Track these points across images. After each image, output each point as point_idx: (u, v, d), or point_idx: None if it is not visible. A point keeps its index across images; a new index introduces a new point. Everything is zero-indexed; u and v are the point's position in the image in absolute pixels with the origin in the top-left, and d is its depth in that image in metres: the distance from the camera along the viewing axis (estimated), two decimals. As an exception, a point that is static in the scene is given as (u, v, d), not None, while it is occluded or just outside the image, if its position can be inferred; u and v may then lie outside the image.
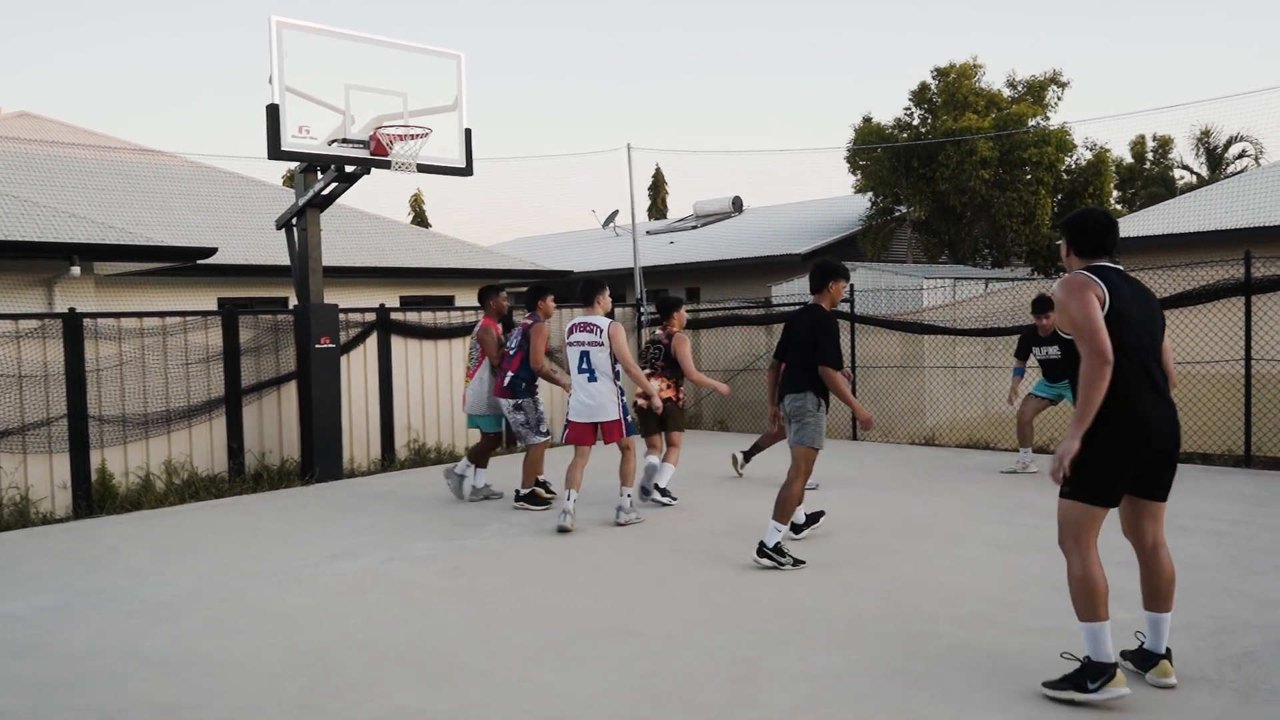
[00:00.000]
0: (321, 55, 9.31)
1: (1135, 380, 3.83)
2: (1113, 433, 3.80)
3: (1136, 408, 3.82)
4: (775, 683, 4.23)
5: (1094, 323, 3.76)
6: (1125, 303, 3.85)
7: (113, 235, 11.80)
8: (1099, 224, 4.03)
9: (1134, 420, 3.81)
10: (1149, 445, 3.86)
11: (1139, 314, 3.89)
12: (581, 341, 7.47)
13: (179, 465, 9.47)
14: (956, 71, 22.97)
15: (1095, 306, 3.78)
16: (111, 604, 5.79)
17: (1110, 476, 3.86)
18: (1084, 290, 3.82)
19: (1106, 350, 3.73)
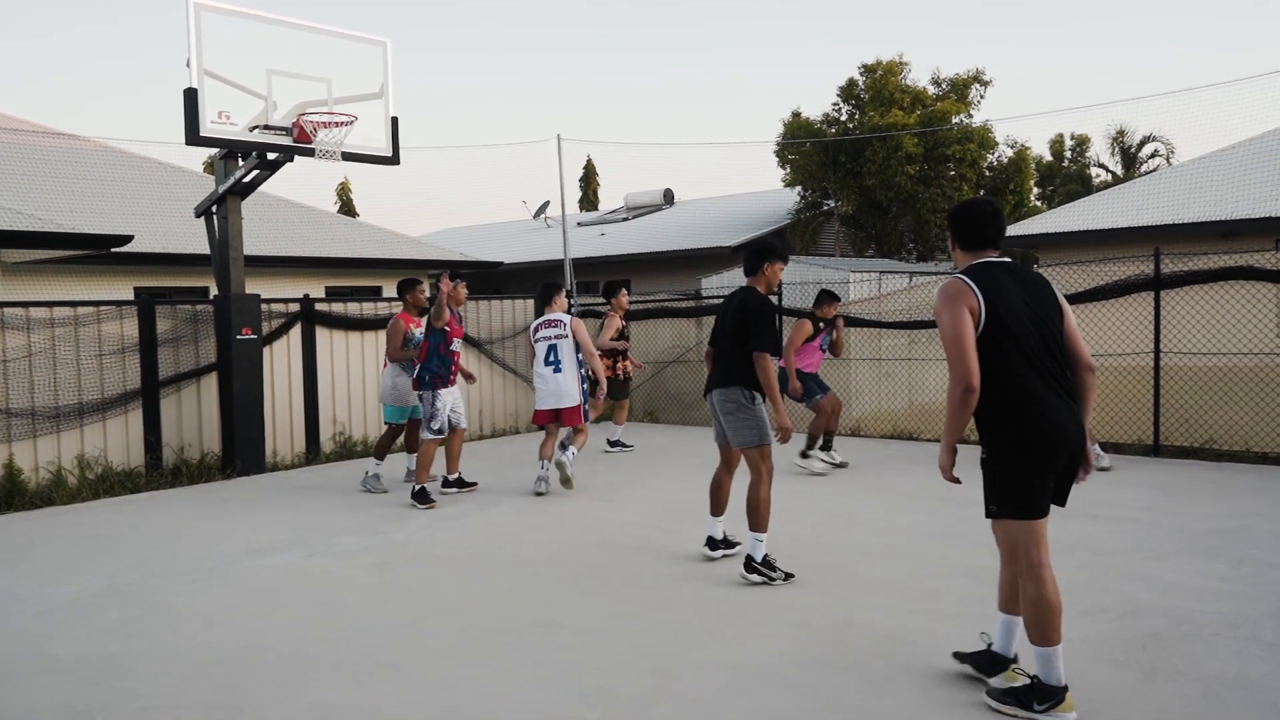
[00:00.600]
0: (243, 39, 9.07)
1: (1035, 383, 3.64)
2: (1026, 441, 3.64)
3: (1043, 410, 3.63)
4: (697, 673, 4.26)
5: (962, 342, 3.60)
6: (1010, 302, 3.64)
7: (21, 221, 11.36)
8: (982, 215, 3.83)
9: (1046, 424, 3.62)
10: (1064, 448, 3.66)
11: (1028, 309, 3.67)
12: (549, 336, 8.32)
13: (93, 460, 9.17)
14: (883, 68, 23.36)
15: (966, 324, 3.60)
16: (18, 604, 5.59)
17: (1035, 486, 3.67)
18: (957, 302, 3.64)
19: (970, 375, 3.58)
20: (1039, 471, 3.66)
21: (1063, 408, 3.67)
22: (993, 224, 3.83)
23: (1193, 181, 17.14)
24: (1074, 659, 4.27)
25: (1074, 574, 5.57)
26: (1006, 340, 3.62)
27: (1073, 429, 3.67)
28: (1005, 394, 3.65)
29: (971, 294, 3.64)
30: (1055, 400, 3.66)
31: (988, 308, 3.62)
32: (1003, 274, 3.72)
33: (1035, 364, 3.65)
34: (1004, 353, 3.63)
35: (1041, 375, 3.65)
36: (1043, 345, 3.68)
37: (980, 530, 6.61)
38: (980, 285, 3.65)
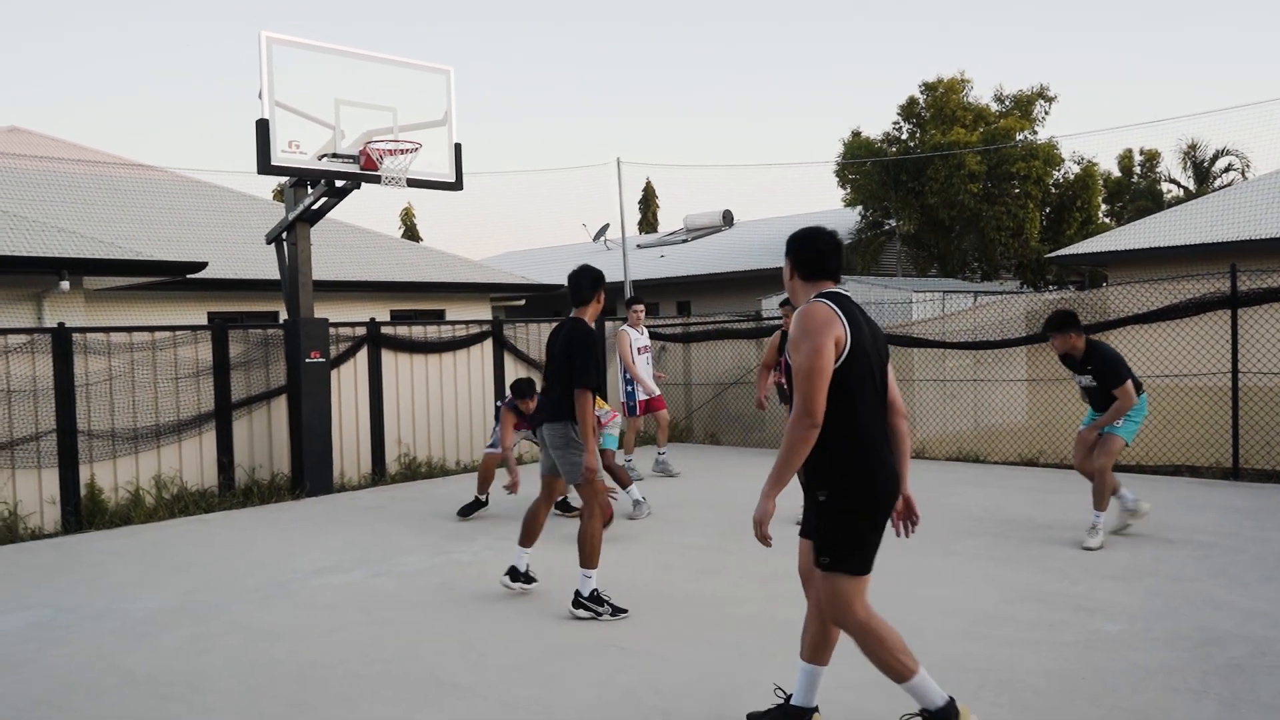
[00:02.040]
0: (311, 70, 9.34)
1: (877, 427, 3.43)
2: (866, 489, 3.41)
3: (882, 458, 3.43)
4: (759, 697, 4.23)
5: (819, 376, 3.30)
6: (863, 338, 3.42)
7: (102, 250, 11.79)
8: (826, 245, 3.62)
9: (883, 472, 3.42)
10: (894, 497, 3.48)
11: (874, 350, 3.47)
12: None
13: (169, 480, 9.44)
14: (944, 86, 23.14)
15: (828, 355, 3.31)
16: (97, 620, 5.77)
17: (870, 538, 3.44)
18: (825, 331, 3.34)
19: (818, 411, 3.30)
20: (879, 524, 3.46)
21: (891, 452, 3.51)
22: (834, 255, 3.63)
23: (1270, 195, 16.62)
24: (1149, 688, 4.16)
25: (1148, 600, 5.42)
26: (862, 376, 3.40)
27: (898, 474, 3.53)
28: (853, 435, 3.39)
29: (839, 322, 3.38)
30: (889, 449, 3.50)
31: (852, 339, 3.37)
32: (854, 308, 3.49)
33: (878, 405, 3.48)
34: (856, 391, 3.39)
35: (880, 417, 3.49)
36: (882, 386, 3.52)
37: (1050, 555, 6.48)
38: (844, 314, 3.41)
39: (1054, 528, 7.28)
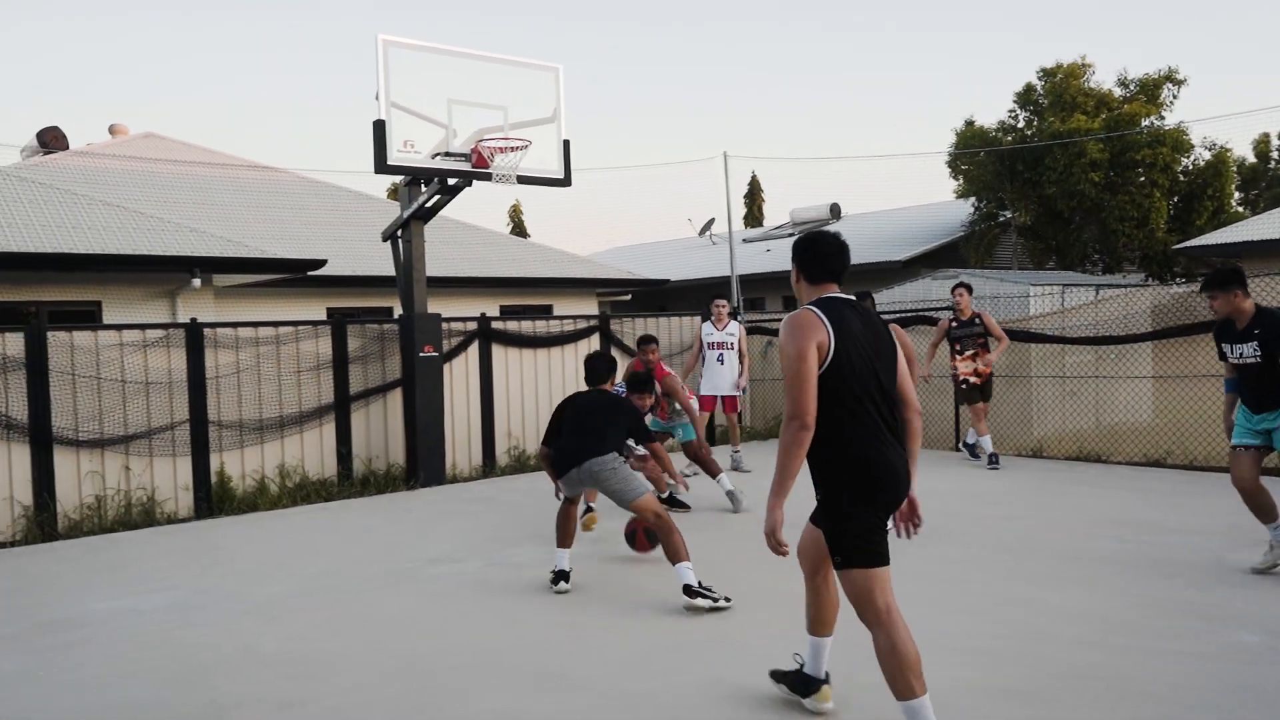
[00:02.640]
0: (425, 71, 9.57)
1: (868, 429, 3.50)
2: (865, 485, 3.49)
3: (876, 458, 3.49)
4: (878, 698, 4.16)
5: (804, 379, 3.40)
6: (854, 340, 3.50)
7: (230, 248, 12.35)
8: (829, 247, 3.70)
9: (880, 468, 3.49)
10: (895, 494, 3.55)
11: (868, 352, 3.53)
12: None
13: (291, 469, 9.83)
14: (1064, 72, 22.31)
15: (812, 360, 3.42)
16: (229, 601, 6.05)
17: (876, 532, 3.52)
18: (807, 334, 3.44)
19: (807, 414, 3.40)
20: (880, 517, 3.53)
21: (893, 451, 3.55)
22: (839, 258, 3.70)
23: None
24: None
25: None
26: (850, 379, 3.47)
27: (902, 473, 3.56)
28: (842, 435, 3.48)
29: (822, 327, 3.46)
30: (887, 443, 3.54)
31: (836, 344, 3.45)
32: (849, 312, 3.57)
33: (871, 405, 3.52)
34: (844, 392, 3.47)
35: (876, 417, 3.53)
36: (879, 387, 3.55)
37: (1178, 559, 6.20)
38: (830, 319, 3.49)
39: (1182, 532, 6.96)
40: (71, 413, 8.65)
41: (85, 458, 8.72)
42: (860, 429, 3.49)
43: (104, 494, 8.76)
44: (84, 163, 17.48)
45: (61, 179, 15.37)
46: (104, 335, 8.92)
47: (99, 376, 8.81)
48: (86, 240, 11.51)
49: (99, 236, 11.71)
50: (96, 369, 8.81)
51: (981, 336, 10.23)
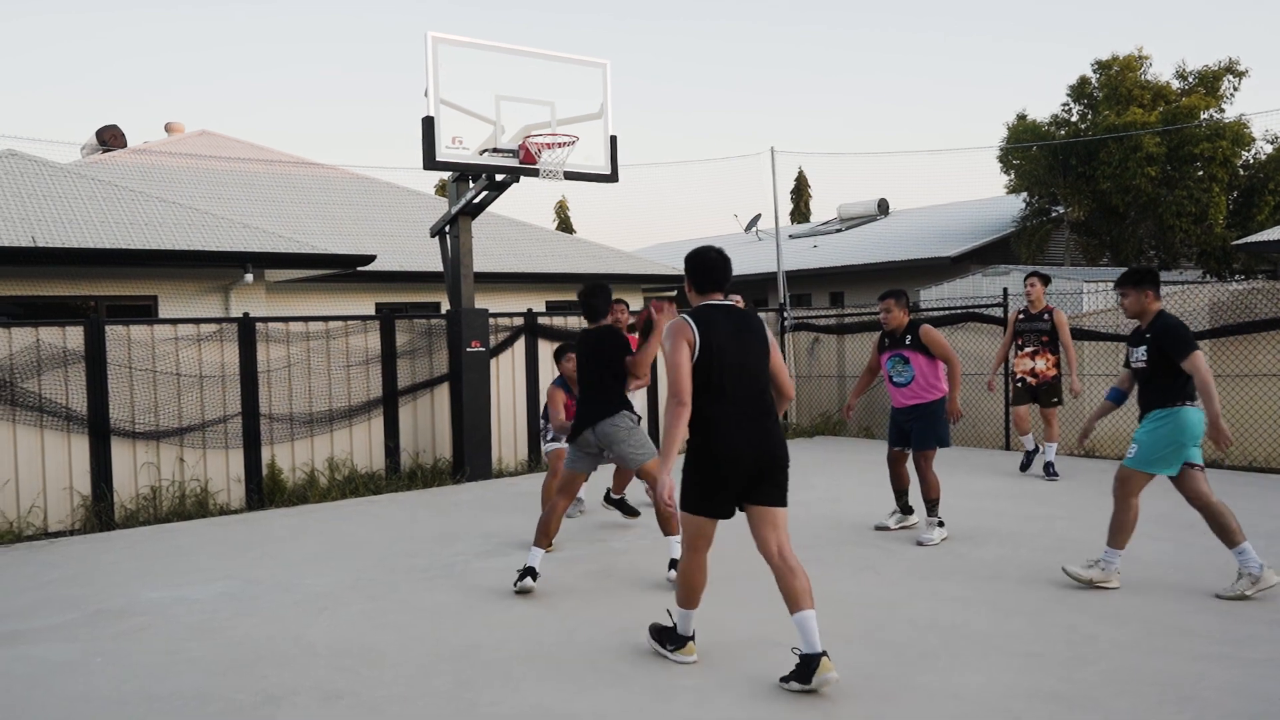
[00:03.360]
0: (474, 68, 9.63)
1: (727, 413, 4.31)
2: (708, 459, 4.33)
3: (725, 437, 4.29)
4: (921, 700, 4.12)
5: (680, 368, 4.28)
6: (721, 340, 4.32)
7: (282, 244, 12.54)
8: (713, 262, 4.50)
9: (724, 447, 4.28)
10: (740, 466, 4.29)
11: (736, 347, 4.35)
12: None
13: (340, 462, 9.97)
14: (1120, 64, 21.84)
15: (684, 353, 4.29)
16: (280, 592, 6.15)
17: (709, 493, 4.37)
18: (678, 336, 4.33)
19: (683, 394, 4.26)
20: (717, 484, 4.35)
21: (755, 429, 4.34)
22: (720, 270, 4.52)
23: None
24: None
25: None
26: (713, 371, 4.31)
27: (762, 447, 4.33)
28: (704, 413, 4.33)
29: (690, 329, 4.33)
30: (746, 424, 4.33)
31: (702, 344, 4.30)
32: (721, 317, 4.41)
33: (736, 396, 4.34)
34: (708, 381, 4.31)
35: (736, 402, 4.34)
36: (742, 376, 4.36)
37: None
38: (698, 323, 4.35)
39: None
40: (128, 405, 8.85)
41: (141, 449, 8.92)
42: (718, 414, 4.33)
43: (159, 485, 8.95)
44: (141, 160, 17.86)
45: (120, 176, 15.72)
46: (160, 329, 9.11)
47: (154, 370, 9.00)
48: (143, 236, 11.76)
49: (155, 232, 11.96)
50: (152, 362, 9.00)
51: (1047, 334, 9.62)
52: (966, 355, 12.18)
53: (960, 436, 12.15)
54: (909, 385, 7.12)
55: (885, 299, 7.26)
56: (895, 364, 7.21)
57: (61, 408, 8.55)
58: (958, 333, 12.32)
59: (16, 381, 8.36)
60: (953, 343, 12.31)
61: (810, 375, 13.94)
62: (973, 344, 12.16)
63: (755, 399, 4.38)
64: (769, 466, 4.34)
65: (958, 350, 12.29)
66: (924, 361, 7.07)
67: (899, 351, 7.17)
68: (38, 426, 8.45)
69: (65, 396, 8.58)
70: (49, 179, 13.23)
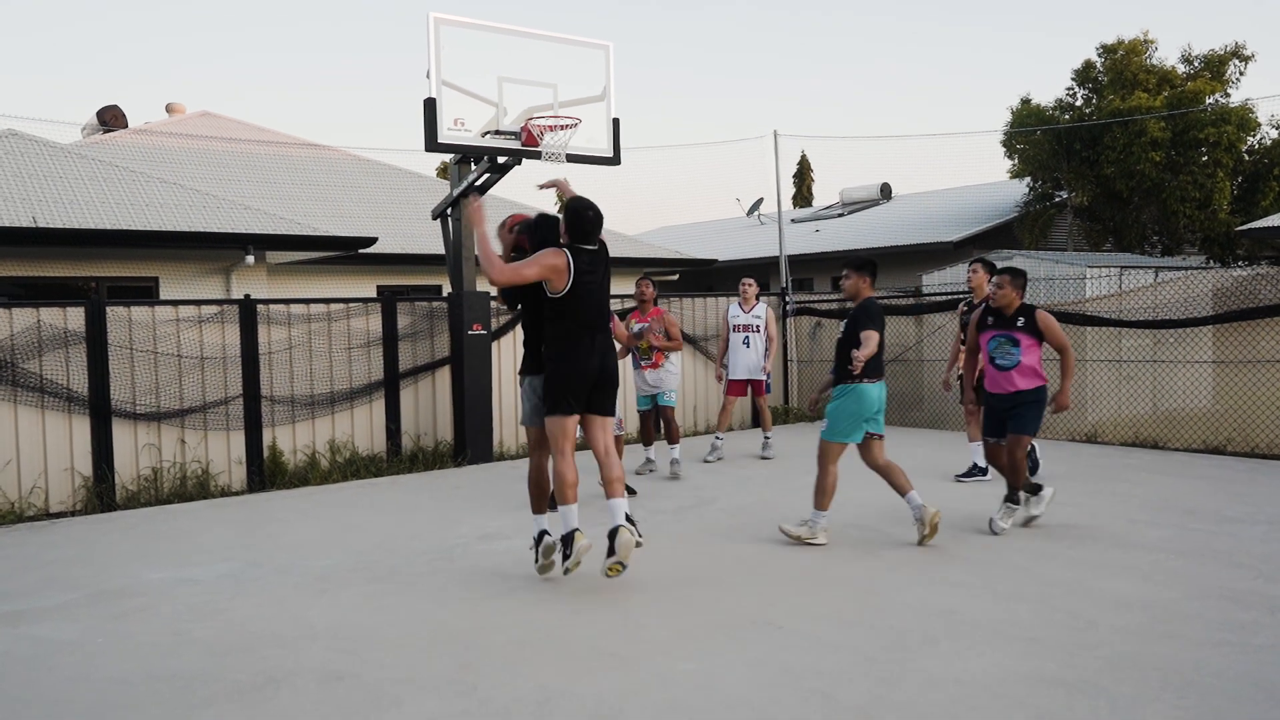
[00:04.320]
0: (476, 49, 9.57)
1: (580, 338, 5.47)
2: (565, 372, 5.46)
3: (579, 357, 5.46)
4: (921, 684, 4.12)
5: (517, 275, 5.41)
6: (581, 278, 5.43)
7: (283, 226, 12.50)
8: (588, 217, 5.56)
9: (578, 365, 5.46)
10: (585, 378, 5.47)
11: (592, 285, 5.50)
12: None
13: (341, 444, 9.96)
14: (1125, 48, 21.69)
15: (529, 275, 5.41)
16: (281, 574, 6.16)
17: (566, 397, 5.47)
18: (552, 261, 5.40)
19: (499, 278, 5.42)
20: (571, 390, 5.47)
21: (597, 356, 5.53)
22: (594, 224, 5.59)
23: None
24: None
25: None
26: (575, 302, 5.43)
27: (597, 370, 5.54)
28: (565, 338, 5.46)
29: (566, 260, 5.43)
30: (591, 349, 5.51)
31: (574, 278, 5.41)
32: (585, 255, 5.53)
33: (587, 321, 5.49)
34: (570, 310, 5.44)
35: (590, 329, 5.51)
36: (596, 309, 5.54)
37: (1240, 550, 6.05)
38: (573, 259, 5.44)
39: (1245, 521, 6.78)
40: (129, 386, 8.84)
41: (142, 430, 8.91)
42: (575, 336, 5.47)
43: (160, 466, 8.95)
44: (142, 141, 17.79)
45: (121, 157, 15.66)
46: (161, 310, 9.09)
47: (156, 351, 8.99)
48: (145, 217, 11.72)
49: (157, 213, 11.92)
50: (154, 343, 8.98)
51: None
52: (969, 340, 12.15)
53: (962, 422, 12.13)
54: (1013, 369, 6.75)
55: (1000, 274, 6.90)
56: (1001, 345, 6.83)
57: (63, 388, 8.54)
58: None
59: (18, 362, 8.35)
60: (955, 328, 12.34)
61: (812, 360, 13.92)
62: (975, 329, 12.12)
63: (605, 329, 5.62)
64: (601, 382, 5.55)
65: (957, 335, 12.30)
66: (1033, 346, 6.75)
67: (1008, 332, 6.80)
68: (39, 407, 8.44)
69: (66, 377, 8.56)
70: (50, 159, 13.18)
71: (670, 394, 9.44)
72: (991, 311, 6.96)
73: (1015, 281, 6.85)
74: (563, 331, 5.47)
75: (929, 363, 12.65)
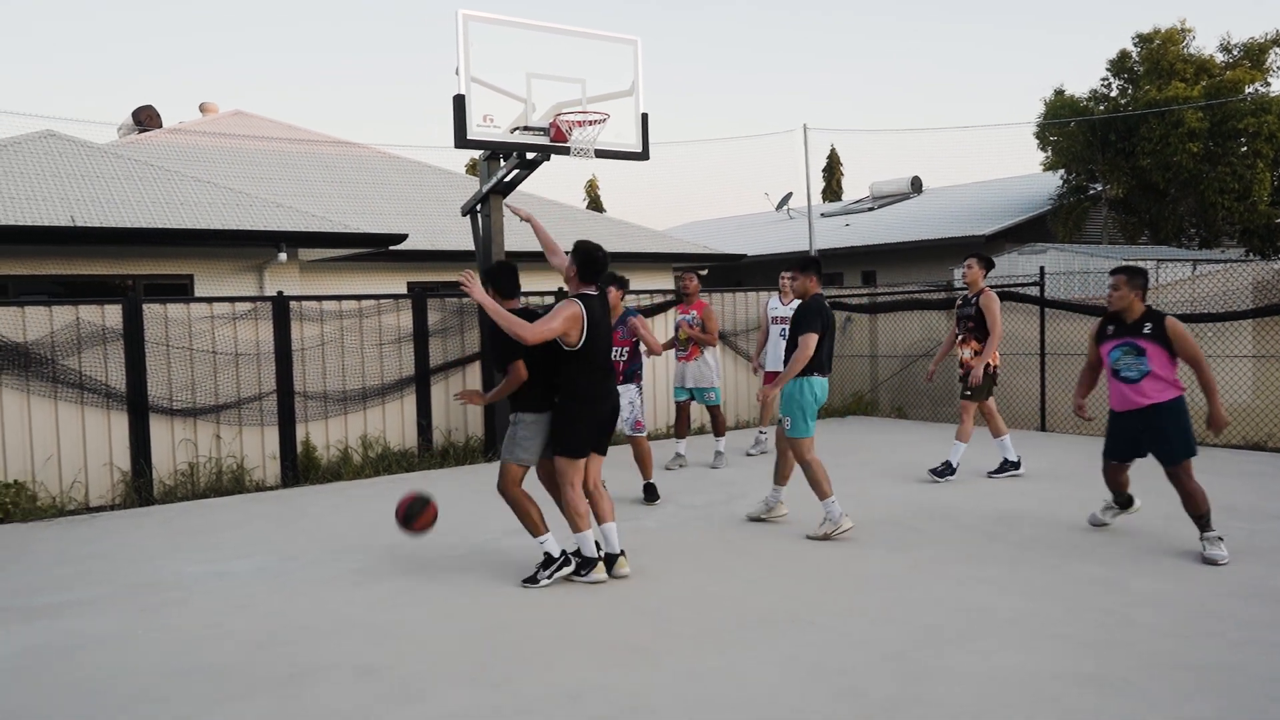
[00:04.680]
0: (504, 45, 9.59)
1: (596, 380, 5.68)
2: (582, 414, 5.66)
3: (598, 398, 5.68)
4: (950, 681, 4.10)
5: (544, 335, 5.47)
6: (596, 326, 5.62)
7: (315, 223, 12.61)
8: (599, 261, 5.76)
9: (596, 406, 5.69)
10: (603, 423, 5.74)
11: (603, 331, 5.72)
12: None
13: (374, 440, 10.05)
14: (1162, 37, 21.36)
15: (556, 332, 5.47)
16: (314, 567, 6.23)
17: (586, 441, 5.71)
18: (572, 319, 5.52)
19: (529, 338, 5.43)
20: (589, 433, 5.71)
21: (612, 395, 5.79)
22: (602, 264, 5.78)
23: None
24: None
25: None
26: (592, 349, 5.62)
27: (612, 409, 5.80)
28: (580, 381, 5.64)
29: (582, 316, 5.58)
30: (607, 389, 5.77)
31: (588, 328, 5.59)
32: (595, 303, 5.71)
33: (600, 365, 5.72)
34: (588, 356, 5.61)
35: (603, 372, 5.75)
36: (605, 353, 5.78)
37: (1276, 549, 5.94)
38: (587, 310, 5.61)
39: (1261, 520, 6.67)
40: (166, 382, 8.97)
41: (179, 426, 9.04)
42: (592, 379, 5.68)
43: (196, 461, 9.07)
44: (177, 140, 18.02)
45: (156, 156, 15.87)
46: (196, 308, 9.21)
47: (191, 348, 9.11)
48: (180, 216, 11.87)
49: (191, 212, 12.07)
50: (189, 340, 9.10)
51: (973, 320, 8.55)
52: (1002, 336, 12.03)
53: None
54: (1140, 382, 5.94)
55: (1116, 274, 6.06)
56: (1125, 355, 6.00)
57: (101, 385, 8.68)
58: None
59: (58, 359, 8.50)
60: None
61: (842, 355, 13.85)
62: (1008, 324, 12.00)
63: (611, 370, 5.86)
64: (607, 423, 5.81)
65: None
66: (1161, 355, 5.91)
67: (1131, 340, 5.98)
68: (79, 403, 8.59)
69: (105, 374, 8.70)
70: (87, 159, 13.38)
71: (714, 392, 9.60)
72: (1111, 319, 6.16)
73: (1133, 282, 6.02)
74: (580, 377, 5.63)
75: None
